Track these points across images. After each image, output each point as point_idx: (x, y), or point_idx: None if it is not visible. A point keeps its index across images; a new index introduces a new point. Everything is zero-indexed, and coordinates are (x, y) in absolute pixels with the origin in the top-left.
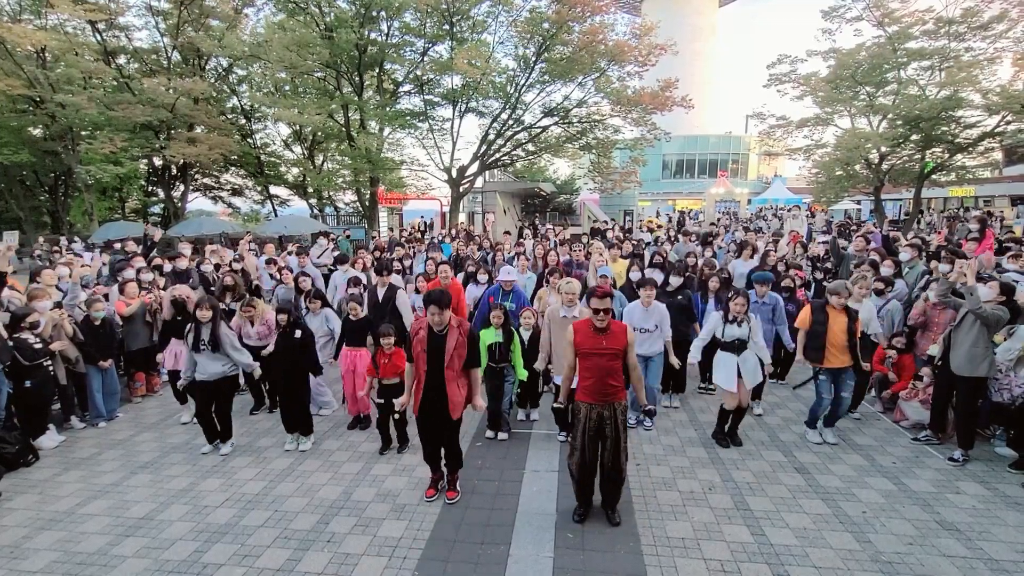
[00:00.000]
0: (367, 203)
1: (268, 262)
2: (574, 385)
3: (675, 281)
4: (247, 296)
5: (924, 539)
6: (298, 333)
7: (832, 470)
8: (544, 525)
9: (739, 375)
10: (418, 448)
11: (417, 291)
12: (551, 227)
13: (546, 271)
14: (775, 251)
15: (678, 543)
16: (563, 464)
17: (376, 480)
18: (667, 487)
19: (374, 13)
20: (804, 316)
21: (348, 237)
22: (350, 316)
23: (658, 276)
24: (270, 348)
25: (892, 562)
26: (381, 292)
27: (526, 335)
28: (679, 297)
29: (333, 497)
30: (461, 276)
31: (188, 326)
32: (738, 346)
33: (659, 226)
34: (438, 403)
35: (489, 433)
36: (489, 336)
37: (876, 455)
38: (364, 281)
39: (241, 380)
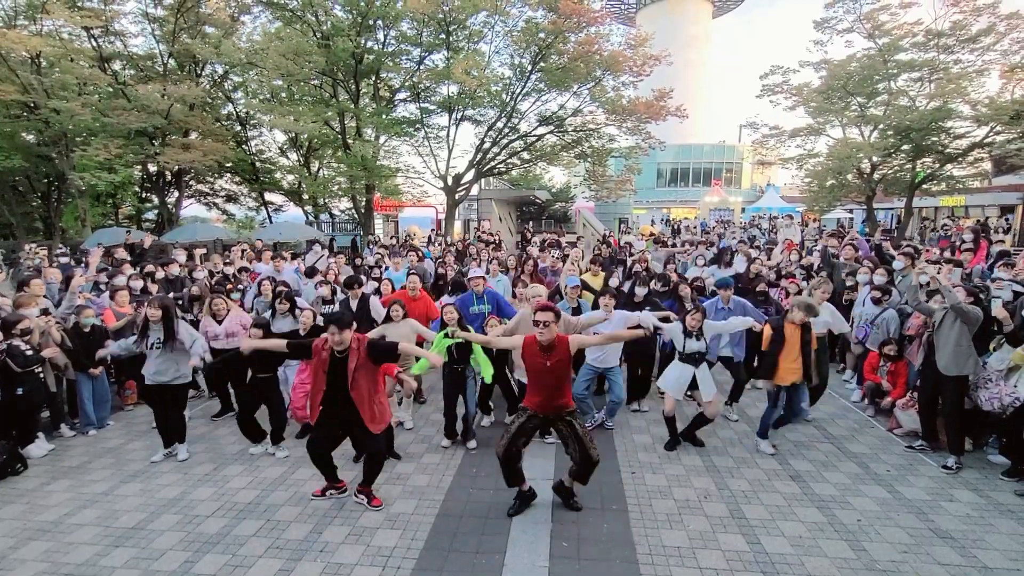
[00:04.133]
0: (363, 210)
1: (241, 271)
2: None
3: (640, 291)
4: (211, 296)
5: (919, 547)
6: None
7: (827, 478)
8: (539, 534)
9: (695, 386)
10: (412, 456)
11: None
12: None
13: (512, 283)
14: (768, 259)
15: (673, 552)
16: (559, 472)
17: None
18: (663, 496)
19: (371, 22)
20: (765, 338)
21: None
22: (299, 330)
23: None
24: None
25: (887, 570)
26: (354, 304)
27: None
28: (646, 308)
29: (326, 506)
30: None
31: (138, 325)
32: (697, 359)
33: (651, 234)
34: (345, 420)
35: (444, 442)
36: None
37: (870, 463)
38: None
39: (202, 383)
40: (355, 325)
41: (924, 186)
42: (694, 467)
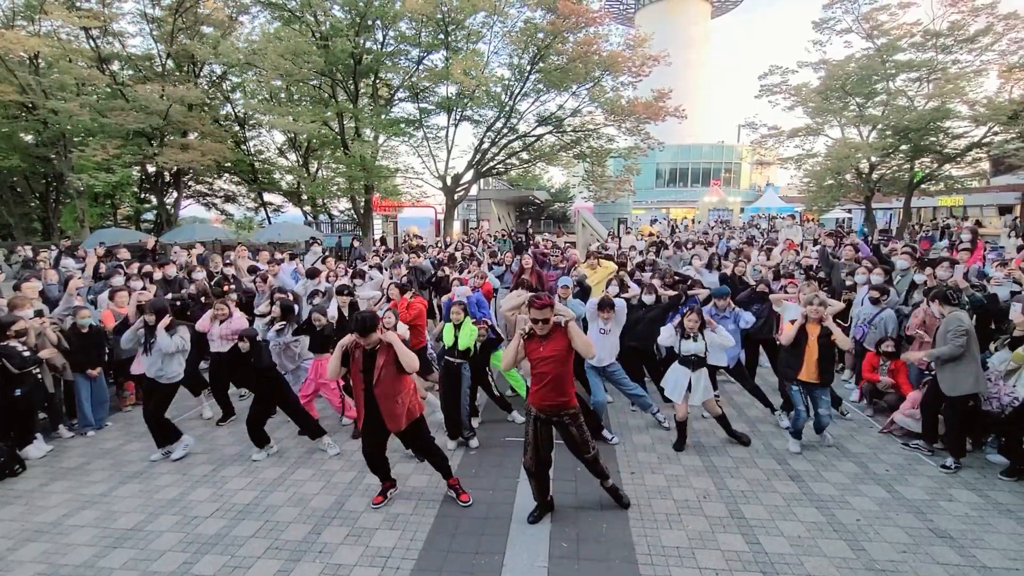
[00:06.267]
0: (362, 211)
1: (250, 270)
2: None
3: (648, 299)
4: (219, 293)
5: (918, 547)
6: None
7: (826, 477)
8: (539, 534)
9: (689, 389)
10: (411, 457)
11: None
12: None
13: (514, 284)
14: (767, 260)
15: (673, 552)
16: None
17: (369, 489)
18: (662, 496)
19: (369, 22)
20: (790, 334)
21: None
22: (315, 325)
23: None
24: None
25: (886, 570)
26: (346, 311)
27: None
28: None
29: (325, 507)
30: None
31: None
32: (695, 361)
33: (651, 234)
34: (375, 419)
35: (450, 444)
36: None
37: (869, 463)
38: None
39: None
40: (381, 325)
41: (922, 186)
42: (693, 467)
